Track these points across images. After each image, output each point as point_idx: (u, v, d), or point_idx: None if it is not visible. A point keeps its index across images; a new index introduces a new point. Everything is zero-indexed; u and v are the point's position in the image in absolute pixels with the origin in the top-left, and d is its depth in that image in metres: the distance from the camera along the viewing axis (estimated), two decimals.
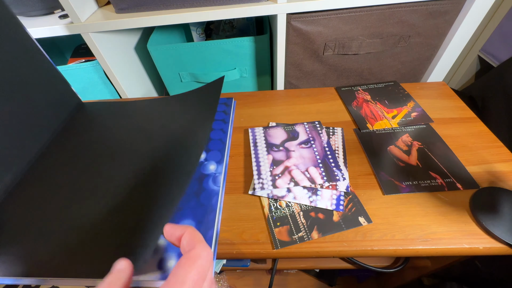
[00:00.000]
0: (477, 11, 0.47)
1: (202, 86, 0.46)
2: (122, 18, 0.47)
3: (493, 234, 0.30)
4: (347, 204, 0.35)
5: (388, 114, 0.48)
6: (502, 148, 0.40)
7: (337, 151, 0.42)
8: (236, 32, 0.71)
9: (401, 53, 0.54)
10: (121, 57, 0.58)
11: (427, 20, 0.48)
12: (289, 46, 0.51)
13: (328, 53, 0.52)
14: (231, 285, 0.81)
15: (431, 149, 0.41)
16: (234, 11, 0.46)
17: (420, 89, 0.53)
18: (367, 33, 0.49)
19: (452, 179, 0.37)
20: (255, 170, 0.40)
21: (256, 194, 0.37)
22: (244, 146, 0.45)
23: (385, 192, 0.36)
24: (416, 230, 0.32)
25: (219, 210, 0.36)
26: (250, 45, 0.55)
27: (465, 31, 0.50)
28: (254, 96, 0.55)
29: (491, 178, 0.37)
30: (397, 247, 0.31)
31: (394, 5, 0.46)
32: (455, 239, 0.31)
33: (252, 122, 0.49)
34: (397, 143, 0.43)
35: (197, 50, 0.56)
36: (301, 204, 0.36)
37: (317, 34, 0.49)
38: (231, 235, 0.34)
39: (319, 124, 0.46)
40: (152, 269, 0.28)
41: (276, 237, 0.33)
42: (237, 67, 0.60)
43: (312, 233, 0.33)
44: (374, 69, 0.56)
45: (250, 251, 0.32)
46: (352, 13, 0.46)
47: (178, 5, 0.47)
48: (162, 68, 0.61)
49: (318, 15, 0.46)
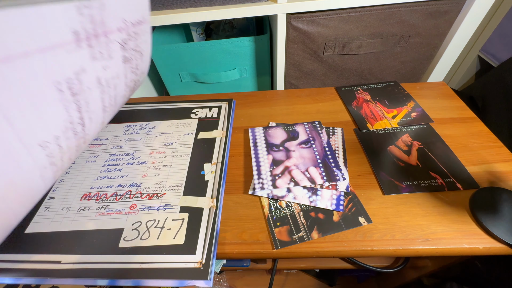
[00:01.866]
0: (477, 11, 0.47)
1: None
2: None
3: (493, 234, 0.30)
4: (347, 204, 0.35)
5: (388, 114, 0.48)
6: (502, 148, 0.40)
7: (337, 151, 0.42)
8: (236, 32, 0.71)
9: (401, 53, 0.54)
10: None
11: (427, 20, 0.48)
12: (289, 46, 0.51)
13: (328, 53, 0.52)
14: (231, 285, 0.81)
15: (431, 149, 0.41)
16: (234, 11, 0.46)
17: (420, 89, 0.53)
18: (367, 33, 0.49)
19: (452, 179, 0.37)
20: (255, 170, 0.40)
21: (256, 194, 0.37)
22: (244, 146, 0.45)
23: (385, 192, 0.36)
24: (416, 230, 0.32)
25: (218, 209, 0.36)
26: (250, 45, 0.55)
27: (465, 31, 0.50)
28: (254, 96, 0.55)
29: (491, 178, 0.37)
30: (397, 247, 0.31)
31: (394, 5, 0.46)
32: (455, 239, 0.31)
33: (252, 122, 0.49)
34: (397, 143, 0.43)
35: (197, 50, 0.56)
36: (301, 204, 0.36)
37: (317, 34, 0.49)
38: (231, 235, 0.34)
39: (319, 124, 0.46)
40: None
41: (276, 237, 0.33)
42: (237, 67, 0.60)
43: (312, 233, 0.33)
44: (374, 69, 0.56)
45: (250, 251, 0.32)
46: (352, 13, 0.46)
47: (178, 5, 0.47)
48: (162, 68, 0.61)
49: (318, 15, 0.46)
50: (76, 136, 0.25)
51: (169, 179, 0.40)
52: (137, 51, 0.32)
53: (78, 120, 0.24)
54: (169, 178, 0.40)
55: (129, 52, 0.30)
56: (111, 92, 0.29)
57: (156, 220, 0.35)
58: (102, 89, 0.27)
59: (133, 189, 0.39)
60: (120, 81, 0.30)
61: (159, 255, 0.32)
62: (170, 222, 0.35)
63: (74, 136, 0.25)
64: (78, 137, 0.25)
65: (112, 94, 0.30)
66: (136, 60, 0.32)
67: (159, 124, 0.49)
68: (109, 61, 0.27)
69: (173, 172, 0.41)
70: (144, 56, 0.34)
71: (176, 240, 0.33)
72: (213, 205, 0.36)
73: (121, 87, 0.31)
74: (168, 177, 0.40)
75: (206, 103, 0.53)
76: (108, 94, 0.29)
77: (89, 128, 0.27)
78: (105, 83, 0.28)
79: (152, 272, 0.30)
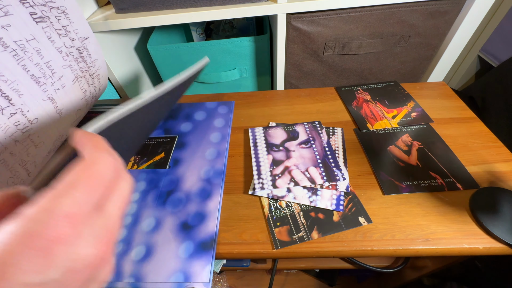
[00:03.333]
0: (477, 11, 0.47)
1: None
2: (122, 18, 0.47)
3: (493, 234, 0.30)
4: (347, 204, 0.35)
5: (388, 114, 0.47)
6: (502, 148, 0.40)
7: (337, 151, 0.42)
8: (236, 32, 0.71)
9: (401, 53, 0.54)
10: (121, 57, 0.58)
11: (427, 20, 0.48)
12: (289, 46, 0.51)
13: (328, 53, 0.52)
14: (231, 285, 0.81)
15: (431, 149, 0.41)
16: (234, 11, 0.46)
17: (420, 89, 0.53)
18: (367, 33, 0.49)
19: (452, 179, 0.37)
20: (255, 170, 0.40)
21: (256, 194, 0.37)
22: (244, 146, 0.45)
23: (385, 192, 0.36)
24: (416, 230, 0.32)
25: (218, 209, 0.36)
26: (250, 45, 0.55)
27: (465, 31, 0.50)
28: (254, 96, 0.55)
29: (491, 178, 0.37)
30: (397, 247, 0.31)
31: (394, 5, 0.46)
32: (455, 239, 0.31)
33: (252, 122, 0.49)
34: (397, 143, 0.43)
35: (197, 50, 0.56)
36: (301, 204, 0.36)
37: (317, 34, 0.49)
38: (231, 235, 0.34)
39: (319, 124, 0.46)
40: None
41: (276, 237, 0.33)
42: (237, 67, 0.60)
43: (312, 233, 0.33)
44: (374, 69, 0.56)
45: (250, 251, 0.32)
46: (352, 13, 0.46)
47: (178, 5, 0.47)
48: (162, 68, 0.61)
49: (318, 15, 0.46)
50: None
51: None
52: (53, 8, 0.28)
53: None
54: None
55: (38, 8, 0.26)
56: (33, 58, 0.26)
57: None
58: (14, 53, 0.24)
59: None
60: (41, 45, 0.26)
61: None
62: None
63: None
64: (6, 111, 0.22)
65: (38, 61, 0.26)
66: (58, 19, 0.28)
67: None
68: (8, 17, 0.24)
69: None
70: (69, 15, 0.30)
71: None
72: None
73: (48, 52, 0.27)
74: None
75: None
76: (30, 61, 0.26)
77: (23, 103, 0.23)
78: (14, 45, 0.24)
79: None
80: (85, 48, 0.34)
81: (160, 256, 0.32)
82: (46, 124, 0.29)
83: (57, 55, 0.29)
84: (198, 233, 0.34)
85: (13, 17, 0.25)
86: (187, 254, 0.32)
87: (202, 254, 0.32)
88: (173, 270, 0.31)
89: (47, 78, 0.28)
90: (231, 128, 0.48)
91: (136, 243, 0.33)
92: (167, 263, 0.31)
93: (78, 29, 0.33)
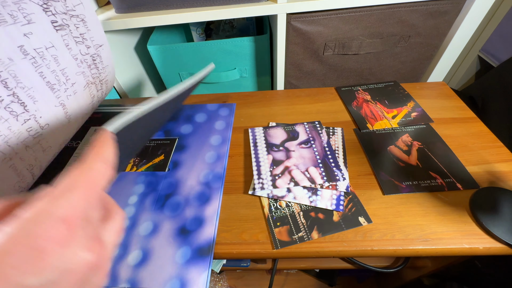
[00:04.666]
0: (477, 11, 0.47)
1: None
2: (122, 18, 0.47)
3: (493, 234, 0.30)
4: (347, 204, 0.35)
5: (388, 114, 0.48)
6: (502, 148, 0.40)
7: (337, 151, 0.42)
8: (236, 32, 0.71)
9: (401, 53, 0.54)
10: (121, 57, 0.58)
11: (427, 20, 0.48)
12: (289, 46, 0.51)
13: (328, 53, 0.52)
14: (231, 285, 0.81)
15: (431, 149, 0.41)
16: (234, 11, 0.46)
17: (420, 89, 0.53)
18: (367, 33, 0.49)
19: (452, 179, 0.37)
20: (255, 170, 0.40)
21: (256, 194, 0.37)
22: (244, 146, 0.45)
23: (385, 192, 0.36)
24: (416, 230, 0.32)
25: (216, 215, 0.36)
26: (250, 45, 0.55)
27: (465, 31, 0.50)
28: (254, 96, 0.55)
29: (491, 178, 0.37)
30: (397, 247, 0.31)
31: (394, 5, 0.46)
32: (455, 239, 0.31)
33: (252, 122, 0.49)
34: (397, 143, 0.43)
35: (197, 50, 0.56)
36: (301, 204, 0.36)
37: (317, 34, 0.49)
38: (231, 235, 0.34)
39: (319, 124, 0.46)
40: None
41: (276, 237, 0.33)
42: (237, 67, 0.60)
43: (312, 233, 0.33)
44: (374, 69, 0.56)
45: (250, 251, 0.32)
46: (352, 13, 0.46)
47: (178, 5, 0.47)
48: (162, 68, 0.61)
49: (318, 15, 0.46)
50: (14, 116, 0.22)
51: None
52: (73, 16, 0.28)
53: (11, 98, 0.21)
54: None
55: (59, 16, 0.26)
56: (50, 65, 0.26)
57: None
58: (33, 60, 0.24)
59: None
60: (59, 52, 0.27)
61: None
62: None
63: (13, 117, 0.22)
64: (21, 118, 0.22)
65: (54, 68, 0.26)
66: (77, 27, 0.29)
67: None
68: (31, 26, 0.24)
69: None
70: (87, 23, 0.30)
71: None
72: None
73: (65, 59, 0.27)
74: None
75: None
76: (47, 68, 0.26)
77: (37, 109, 0.23)
78: (34, 53, 0.25)
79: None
80: (98, 55, 0.34)
81: (156, 261, 0.31)
82: (55, 129, 0.28)
83: (72, 62, 0.30)
84: (195, 238, 0.33)
85: (35, 25, 0.25)
86: (184, 260, 0.31)
87: (199, 260, 0.31)
88: (170, 276, 0.30)
89: (61, 85, 0.28)
90: (232, 128, 0.48)
91: (133, 248, 0.33)
92: (164, 268, 0.31)
93: (94, 37, 0.32)
